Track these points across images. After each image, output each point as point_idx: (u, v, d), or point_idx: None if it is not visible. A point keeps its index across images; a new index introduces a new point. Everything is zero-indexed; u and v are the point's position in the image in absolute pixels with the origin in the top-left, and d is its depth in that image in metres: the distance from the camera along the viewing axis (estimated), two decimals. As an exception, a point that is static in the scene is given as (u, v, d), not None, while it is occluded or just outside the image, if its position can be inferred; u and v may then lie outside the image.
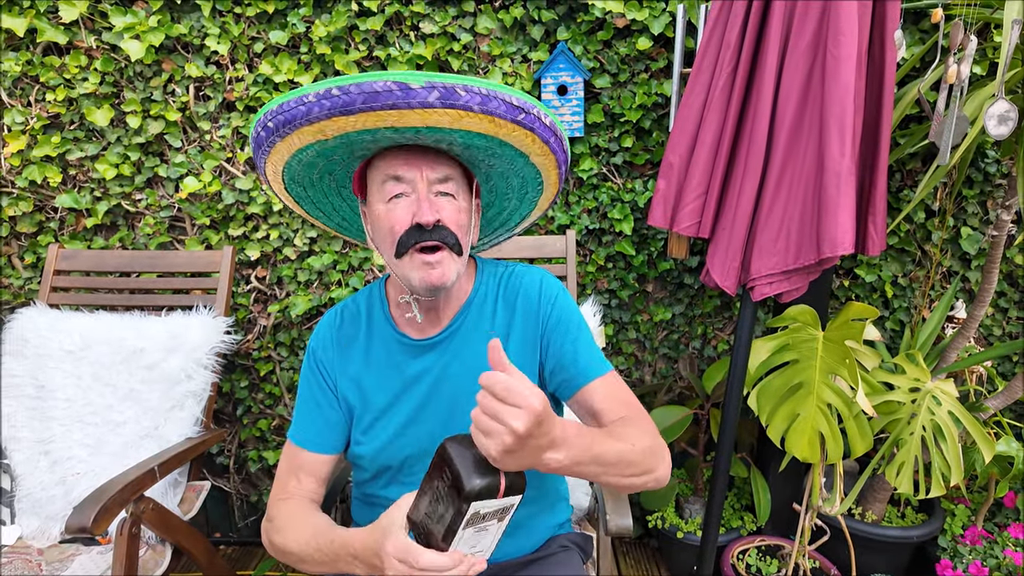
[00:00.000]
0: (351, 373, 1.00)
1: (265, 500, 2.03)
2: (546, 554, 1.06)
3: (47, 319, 1.55)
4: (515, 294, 1.00)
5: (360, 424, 0.99)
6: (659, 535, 1.91)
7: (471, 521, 0.68)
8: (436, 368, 0.97)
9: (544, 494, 1.07)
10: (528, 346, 0.98)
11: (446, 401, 0.97)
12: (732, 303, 1.89)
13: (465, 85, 0.74)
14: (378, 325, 1.01)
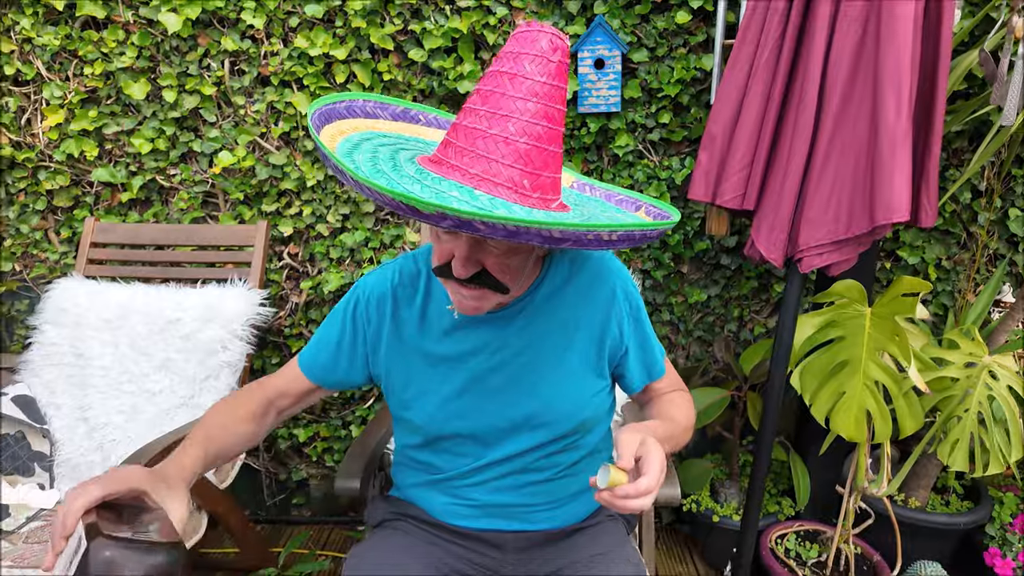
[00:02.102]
0: (404, 335, 0.96)
1: (294, 479, 2.03)
2: (593, 523, 1.04)
3: (84, 289, 1.56)
4: (588, 278, 0.96)
5: (409, 389, 0.97)
6: (692, 520, 1.87)
7: None
8: (496, 342, 0.94)
9: (595, 471, 1.04)
10: (596, 329, 0.96)
11: (503, 377, 0.94)
12: (770, 285, 1.85)
13: (485, 220, 0.61)
14: (437, 288, 0.97)
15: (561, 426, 0.95)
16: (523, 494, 0.98)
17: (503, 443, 0.96)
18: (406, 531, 1.03)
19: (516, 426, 0.95)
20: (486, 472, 0.98)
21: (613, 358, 0.99)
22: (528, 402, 0.94)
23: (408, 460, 1.05)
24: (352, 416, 1.97)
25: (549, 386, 0.94)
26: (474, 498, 0.99)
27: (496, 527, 0.99)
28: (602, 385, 0.99)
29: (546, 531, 1.00)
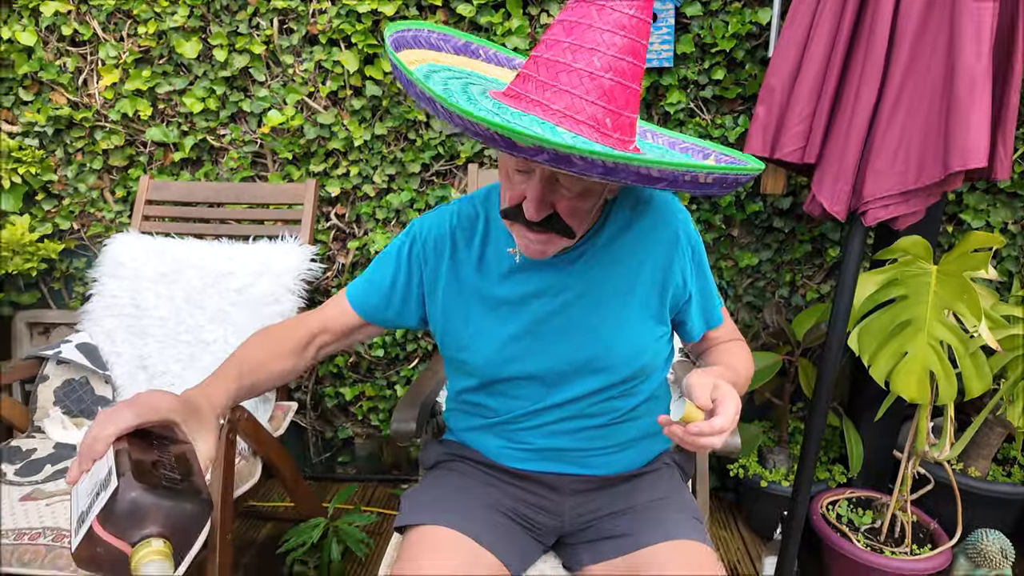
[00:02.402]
0: (462, 277, 0.95)
1: (340, 437, 2.06)
2: (650, 470, 1.03)
3: (140, 244, 1.60)
4: (650, 222, 0.94)
5: (467, 331, 0.95)
6: (737, 487, 1.85)
7: None
8: (557, 285, 0.92)
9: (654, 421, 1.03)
10: (659, 274, 0.93)
11: (563, 320, 0.92)
12: (824, 249, 1.79)
13: (584, 156, 0.59)
14: (496, 232, 0.95)
15: (620, 371, 0.94)
16: (580, 438, 0.97)
17: (561, 387, 0.95)
18: (461, 471, 1.03)
19: (575, 370, 0.94)
20: (542, 416, 0.97)
21: (675, 305, 0.97)
22: (588, 346, 0.93)
23: (462, 404, 1.05)
24: (397, 376, 1.99)
25: (609, 330, 0.93)
26: (529, 442, 0.99)
27: (552, 470, 0.99)
28: (662, 331, 0.97)
29: (602, 476, 0.99)
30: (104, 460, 0.59)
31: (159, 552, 0.55)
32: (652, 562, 0.87)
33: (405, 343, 1.95)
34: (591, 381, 0.94)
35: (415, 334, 1.95)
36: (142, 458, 0.59)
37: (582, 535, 0.99)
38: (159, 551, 0.55)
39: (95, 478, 0.57)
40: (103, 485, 0.56)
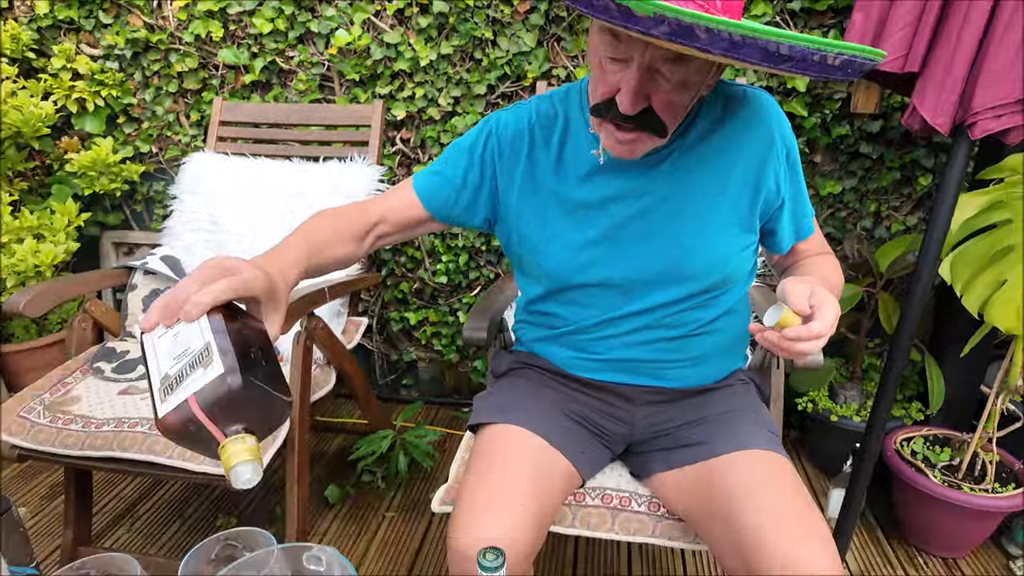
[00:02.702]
0: (538, 177, 0.92)
1: (405, 359, 2.12)
2: (725, 385, 1.00)
3: (216, 163, 1.64)
4: (743, 122, 0.88)
5: (542, 234, 0.93)
6: (802, 423, 1.81)
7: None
8: (640, 189, 0.88)
9: (733, 335, 1.00)
10: (751, 178, 0.88)
11: (644, 226, 0.89)
12: (914, 178, 1.67)
13: (710, 27, 0.55)
14: (576, 131, 0.91)
15: (702, 280, 0.91)
16: (654, 350, 0.95)
17: (638, 296, 0.92)
18: (530, 378, 1.03)
19: (654, 278, 0.91)
20: (616, 326, 0.95)
21: (766, 212, 0.92)
22: (670, 253, 0.89)
23: (532, 315, 1.05)
24: (459, 304, 2.01)
25: (693, 237, 0.89)
26: (601, 352, 0.97)
27: (624, 381, 0.97)
28: (749, 240, 0.93)
29: (675, 389, 0.97)
30: (196, 328, 0.55)
31: (252, 451, 0.52)
32: (726, 470, 0.85)
33: (468, 271, 1.96)
34: (670, 290, 0.91)
35: (478, 262, 1.95)
36: (239, 342, 0.55)
37: (652, 443, 0.98)
38: (252, 450, 0.52)
39: (183, 343, 0.54)
40: (199, 360, 0.53)
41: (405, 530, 1.60)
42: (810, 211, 0.98)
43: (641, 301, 0.92)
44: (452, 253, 1.94)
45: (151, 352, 0.56)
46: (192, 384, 0.52)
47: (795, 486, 0.83)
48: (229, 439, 0.52)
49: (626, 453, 1.03)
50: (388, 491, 1.74)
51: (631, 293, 0.92)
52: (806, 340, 0.73)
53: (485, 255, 1.95)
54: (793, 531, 0.75)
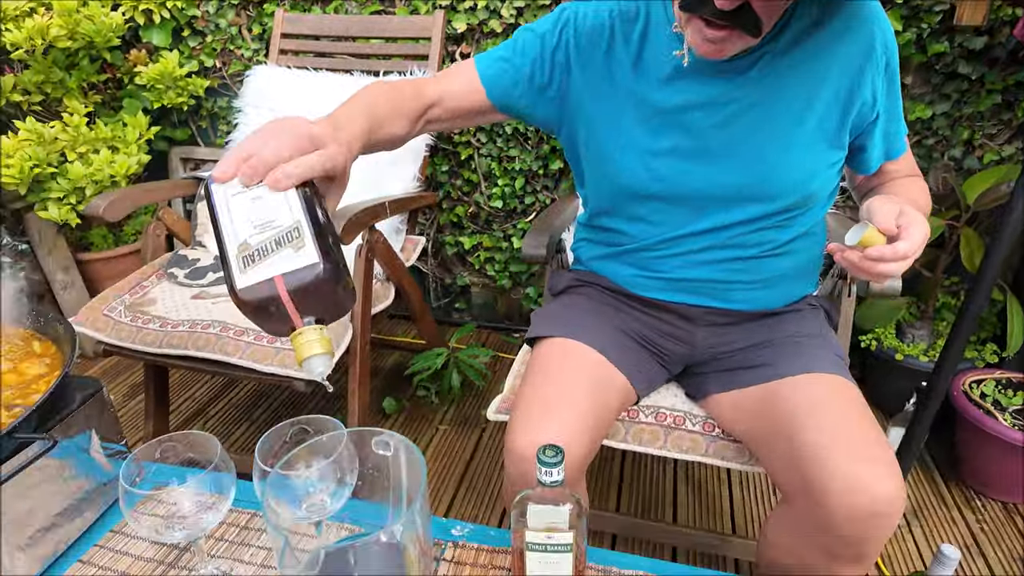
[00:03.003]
0: (616, 77, 0.87)
1: (458, 283, 2.14)
2: (793, 309, 0.97)
3: (279, 75, 1.64)
4: (842, 25, 0.81)
5: (613, 139, 0.88)
6: (866, 360, 1.75)
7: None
8: (723, 97, 0.83)
9: (808, 259, 0.96)
10: (845, 88, 0.82)
11: (725, 137, 0.84)
12: (1016, 103, 1.53)
13: None
14: (657, 29, 0.85)
15: (782, 199, 0.86)
16: (722, 270, 0.92)
17: (710, 213, 0.88)
18: (589, 295, 1.02)
19: (730, 194, 0.86)
20: (683, 243, 0.92)
21: (858, 126, 0.85)
22: (751, 168, 0.85)
23: (594, 231, 1.02)
24: (514, 230, 2.00)
25: (777, 151, 0.84)
26: (665, 271, 0.95)
27: (687, 301, 0.95)
28: (837, 157, 0.87)
29: (741, 311, 0.95)
30: (283, 200, 0.51)
31: (326, 343, 0.51)
32: (790, 391, 0.84)
33: (524, 196, 1.93)
34: (746, 209, 0.87)
35: (534, 187, 1.92)
36: (323, 225, 0.52)
37: (712, 364, 0.97)
38: (325, 341, 0.51)
39: (265, 212, 0.51)
40: (287, 239, 0.50)
41: (457, 442, 1.66)
42: (903, 129, 0.91)
43: (713, 218, 0.88)
44: (508, 177, 1.91)
45: (223, 208, 0.52)
46: (280, 263, 0.49)
47: (861, 409, 0.80)
48: (305, 328, 0.51)
49: (683, 374, 1.02)
50: (441, 406, 1.80)
51: (703, 210, 0.88)
52: (889, 261, 0.69)
53: (542, 179, 1.91)
54: (857, 451, 0.73)
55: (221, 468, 0.63)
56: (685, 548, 1.24)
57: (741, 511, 1.44)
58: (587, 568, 0.70)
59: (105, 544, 0.73)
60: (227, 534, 0.75)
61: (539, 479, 0.62)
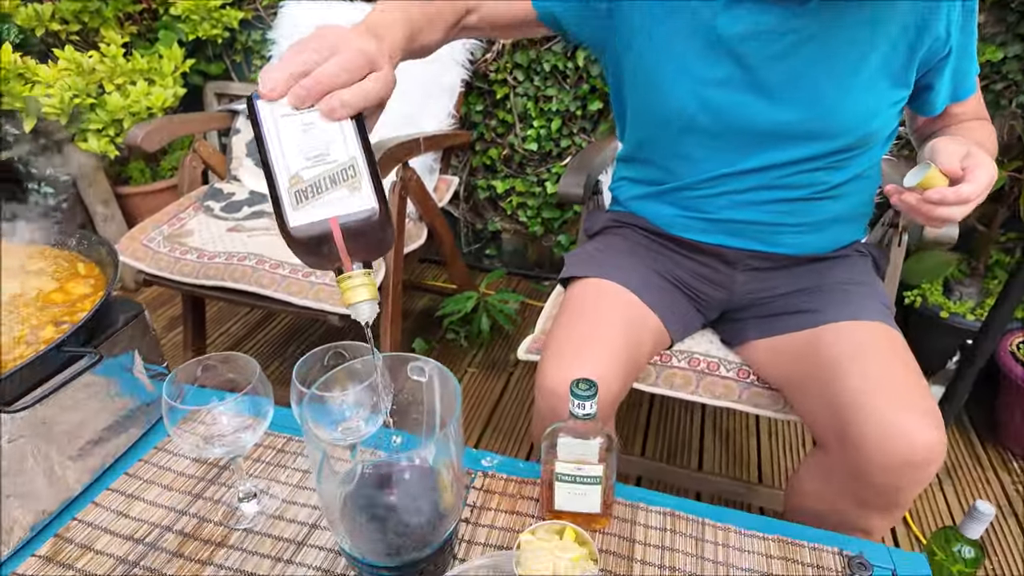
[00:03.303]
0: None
1: (490, 229, 2.12)
2: (840, 255, 0.93)
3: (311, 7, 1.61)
4: None
5: (665, 64, 0.83)
6: (908, 316, 1.70)
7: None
8: (781, 27, 0.77)
9: (859, 203, 0.91)
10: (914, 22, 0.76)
11: (782, 71, 0.79)
12: (1097, 46, 1.41)
13: None
14: None
15: (839, 139, 0.81)
16: (769, 211, 0.88)
17: (760, 150, 0.84)
18: (626, 236, 1.00)
19: (784, 131, 0.82)
20: (729, 183, 0.88)
21: (927, 62, 0.79)
22: (806, 104, 0.80)
23: (632, 169, 0.99)
24: (548, 174, 1.96)
25: (836, 88, 0.79)
26: (708, 212, 0.91)
27: (730, 244, 0.92)
28: (900, 96, 0.82)
29: (786, 256, 0.91)
30: (337, 131, 0.48)
31: (372, 288, 0.50)
32: (833, 338, 0.81)
33: (559, 139, 1.89)
34: (800, 147, 0.82)
35: (571, 129, 1.87)
36: (374, 161, 0.50)
37: (751, 310, 0.94)
38: (372, 286, 0.50)
39: (318, 141, 0.48)
40: (343, 176, 0.48)
41: (485, 384, 1.68)
42: (975, 68, 0.84)
43: (763, 157, 0.84)
44: (544, 118, 1.86)
45: (271, 130, 0.48)
46: (335, 203, 0.47)
47: (906, 358, 0.78)
48: (355, 272, 0.50)
49: (720, 320, 1.00)
50: (470, 349, 1.81)
51: (753, 147, 0.84)
52: (951, 205, 0.65)
53: (579, 121, 1.86)
54: (899, 399, 0.71)
55: (259, 390, 0.64)
56: (710, 494, 1.25)
57: (769, 461, 1.44)
58: (615, 502, 0.70)
59: (149, 460, 0.76)
60: (264, 456, 0.77)
61: (571, 411, 0.62)
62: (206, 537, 0.66)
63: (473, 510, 0.70)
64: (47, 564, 0.63)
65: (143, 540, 0.65)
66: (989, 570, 1.19)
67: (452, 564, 0.62)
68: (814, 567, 0.64)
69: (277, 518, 0.69)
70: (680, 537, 0.67)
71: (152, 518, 0.68)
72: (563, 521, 0.64)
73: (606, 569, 0.64)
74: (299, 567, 0.63)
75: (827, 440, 0.79)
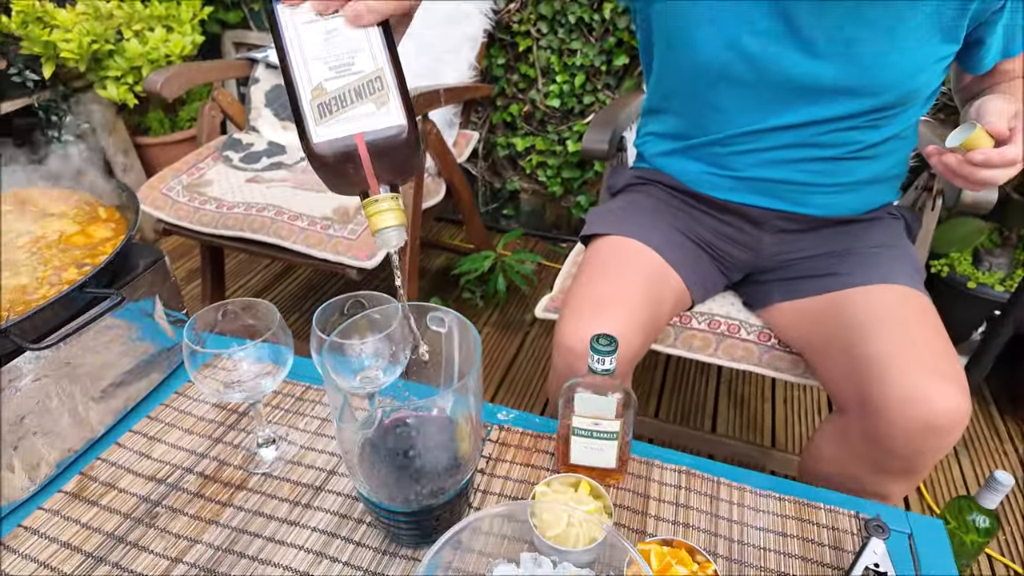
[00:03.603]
0: None
1: (508, 188, 2.10)
2: (871, 217, 0.91)
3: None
4: None
5: (693, 11, 0.80)
6: (934, 287, 1.66)
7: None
8: None
9: (894, 163, 0.88)
10: None
11: (824, 24, 0.75)
12: None
13: None
14: None
15: (880, 95, 0.78)
16: (801, 171, 0.86)
17: (796, 105, 0.81)
18: (651, 194, 0.98)
19: (822, 85, 0.78)
20: (761, 139, 0.85)
21: (979, 15, 0.75)
22: (848, 57, 0.76)
23: (659, 123, 0.96)
24: (569, 132, 1.92)
25: (880, 41, 0.75)
26: (736, 169, 0.89)
27: (758, 204, 0.89)
28: (949, 52, 0.77)
29: (815, 217, 0.89)
30: (363, 38, 0.45)
31: (400, 214, 0.47)
32: (860, 300, 0.79)
33: (583, 95, 1.84)
34: (837, 104, 0.79)
35: (594, 85, 1.82)
36: (402, 76, 0.47)
37: (777, 272, 0.93)
38: (399, 213, 0.47)
39: (342, 49, 0.45)
40: (369, 89, 0.45)
41: (500, 344, 1.68)
42: None
43: (798, 113, 0.81)
44: (568, 73, 1.81)
45: (292, 38, 0.45)
46: (362, 119, 0.44)
47: (934, 323, 0.76)
48: (381, 196, 0.47)
49: (743, 282, 0.98)
50: (486, 309, 1.81)
51: (788, 102, 0.81)
52: (996, 167, 0.62)
53: (604, 77, 1.81)
54: (924, 364, 0.70)
55: (279, 338, 0.64)
56: (722, 456, 1.25)
57: (783, 427, 1.44)
58: (630, 458, 0.70)
59: (170, 404, 0.77)
60: (283, 403, 0.78)
61: (590, 366, 0.61)
62: (226, 480, 0.67)
63: (489, 462, 0.70)
64: (73, 500, 0.64)
65: (164, 481, 0.67)
66: (1001, 541, 1.19)
67: (467, 512, 0.63)
68: (829, 528, 0.63)
69: (295, 464, 0.69)
70: (695, 495, 0.67)
71: (173, 460, 0.69)
72: (578, 474, 0.64)
73: (620, 523, 0.64)
74: (317, 511, 0.64)
75: (847, 404, 0.78)
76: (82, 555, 0.59)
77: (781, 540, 0.62)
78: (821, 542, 0.62)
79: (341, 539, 0.61)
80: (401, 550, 0.60)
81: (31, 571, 0.57)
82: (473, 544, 0.50)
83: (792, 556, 0.61)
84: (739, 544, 0.62)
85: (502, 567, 0.50)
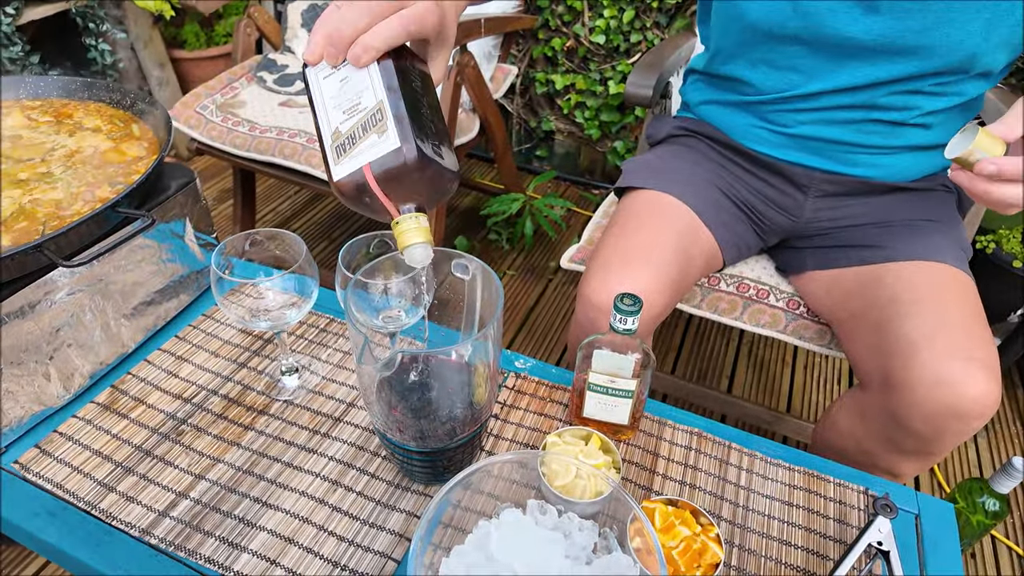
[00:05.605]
0: None
1: (543, 128, 2.04)
2: (922, 187, 0.86)
3: None
4: None
5: None
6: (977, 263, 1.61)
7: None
8: None
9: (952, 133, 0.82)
10: None
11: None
12: None
13: None
14: None
15: (942, 58, 0.73)
16: (853, 131, 0.81)
17: (853, 65, 0.76)
18: (692, 147, 0.94)
19: (883, 44, 0.73)
20: (815, 101, 0.81)
21: None
22: (920, 15, 0.71)
23: (710, 75, 0.91)
24: (612, 72, 1.84)
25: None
26: (786, 125, 0.84)
27: (805, 163, 0.86)
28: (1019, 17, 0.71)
29: (863, 180, 0.84)
30: (366, 77, 0.47)
31: (424, 232, 0.49)
32: (898, 276, 0.77)
33: (630, 32, 1.75)
34: (899, 64, 0.74)
35: (644, 22, 1.73)
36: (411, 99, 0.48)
37: (816, 240, 0.89)
38: (424, 230, 0.49)
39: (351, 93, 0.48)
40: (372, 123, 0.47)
41: (522, 289, 1.68)
42: None
43: (856, 73, 0.76)
44: (616, 7, 1.72)
45: (318, 93, 0.49)
46: (367, 151, 0.46)
47: (974, 305, 0.73)
48: (402, 217, 0.48)
49: (778, 246, 0.96)
50: (511, 252, 1.80)
51: (846, 61, 0.76)
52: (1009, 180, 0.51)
53: (654, 14, 1.71)
54: (957, 346, 0.68)
55: (306, 270, 0.64)
56: (735, 417, 1.26)
57: (800, 393, 1.43)
58: (642, 416, 0.71)
59: (198, 326, 0.79)
60: (307, 334, 0.79)
61: (612, 325, 0.61)
62: (249, 404, 0.69)
63: (503, 408, 0.71)
64: (104, 411, 0.67)
65: (191, 400, 0.69)
66: (1008, 524, 1.19)
67: (479, 456, 0.64)
68: (837, 502, 0.64)
69: (316, 393, 0.71)
70: (704, 457, 0.67)
71: (199, 380, 0.72)
72: (590, 428, 0.65)
73: (628, 479, 0.65)
74: (334, 441, 0.66)
75: (871, 380, 0.76)
76: (112, 464, 0.62)
77: (787, 509, 0.63)
78: (827, 515, 0.62)
79: (356, 470, 0.63)
80: (414, 485, 0.62)
81: (64, 475, 0.61)
82: (483, 486, 0.51)
83: (796, 526, 0.61)
84: (744, 509, 0.62)
85: (508, 511, 0.52)
